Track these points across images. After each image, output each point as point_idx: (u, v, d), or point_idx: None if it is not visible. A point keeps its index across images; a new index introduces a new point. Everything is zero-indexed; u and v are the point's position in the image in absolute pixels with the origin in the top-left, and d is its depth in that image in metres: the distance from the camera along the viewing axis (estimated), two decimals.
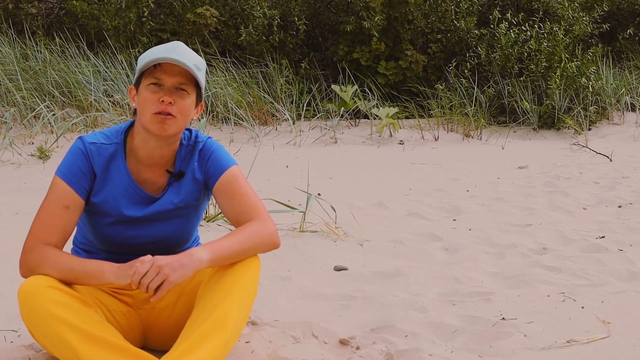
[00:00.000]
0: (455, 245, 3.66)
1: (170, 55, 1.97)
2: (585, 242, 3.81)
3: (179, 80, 2.00)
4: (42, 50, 8.23)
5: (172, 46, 2.02)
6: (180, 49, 2.01)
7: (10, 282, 2.80)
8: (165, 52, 1.99)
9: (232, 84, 8.47)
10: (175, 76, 2.00)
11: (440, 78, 9.47)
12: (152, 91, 2.00)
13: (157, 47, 2.04)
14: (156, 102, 1.99)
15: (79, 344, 1.81)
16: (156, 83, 1.99)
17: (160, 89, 2.00)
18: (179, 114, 2.01)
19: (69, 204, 2.01)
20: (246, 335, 2.27)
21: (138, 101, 2.04)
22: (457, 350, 2.27)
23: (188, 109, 2.03)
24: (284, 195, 4.65)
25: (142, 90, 2.01)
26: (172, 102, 1.99)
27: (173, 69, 1.99)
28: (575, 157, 7.39)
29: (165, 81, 1.99)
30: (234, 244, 1.97)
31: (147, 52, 2.05)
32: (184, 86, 2.01)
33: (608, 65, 9.80)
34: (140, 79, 2.03)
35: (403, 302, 2.72)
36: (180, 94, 2.01)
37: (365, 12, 8.94)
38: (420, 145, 7.99)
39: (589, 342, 2.36)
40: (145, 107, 2.00)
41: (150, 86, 2.00)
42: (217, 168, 2.12)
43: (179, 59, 1.97)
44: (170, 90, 2.00)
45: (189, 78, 2.02)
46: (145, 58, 2.01)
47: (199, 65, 2.03)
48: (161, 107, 1.99)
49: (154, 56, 1.98)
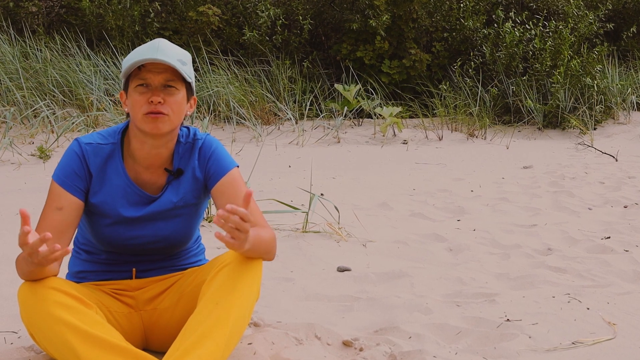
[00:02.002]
0: (460, 246, 3.64)
1: (153, 55, 1.95)
2: (590, 242, 3.79)
3: (165, 78, 1.98)
4: (43, 49, 8.23)
5: (153, 45, 1.99)
6: (163, 46, 1.99)
7: (10, 284, 2.79)
8: (147, 52, 1.97)
9: (234, 82, 8.45)
10: (160, 74, 1.98)
11: (445, 77, 9.44)
12: (140, 92, 1.98)
13: (139, 48, 2.02)
14: (145, 103, 1.98)
15: (80, 345, 1.80)
16: (143, 84, 1.98)
17: (147, 89, 1.98)
18: (171, 112, 2.00)
19: (62, 205, 2.00)
20: (248, 336, 2.25)
21: (129, 104, 2.02)
22: (462, 352, 2.26)
23: (179, 105, 2.02)
24: (287, 195, 4.64)
25: (131, 93, 2.00)
26: (162, 101, 1.98)
27: (158, 67, 1.98)
28: (580, 156, 7.36)
29: (152, 80, 1.98)
30: (262, 243, 1.96)
31: (130, 54, 2.03)
32: (171, 83, 1.99)
33: (613, 64, 9.77)
34: (128, 82, 2.02)
35: (407, 303, 2.70)
36: (169, 91, 1.99)
37: (371, 11, 8.91)
38: (424, 145, 7.96)
39: (595, 343, 2.34)
40: (136, 109, 1.99)
41: (137, 88, 1.99)
42: (218, 169, 2.10)
43: (162, 57, 1.95)
44: (157, 89, 1.98)
45: (175, 74, 2.00)
46: (128, 61, 1.99)
47: (183, 59, 2.01)
48: (151, 108, 1.97)
49: (137, 57, 1.97)
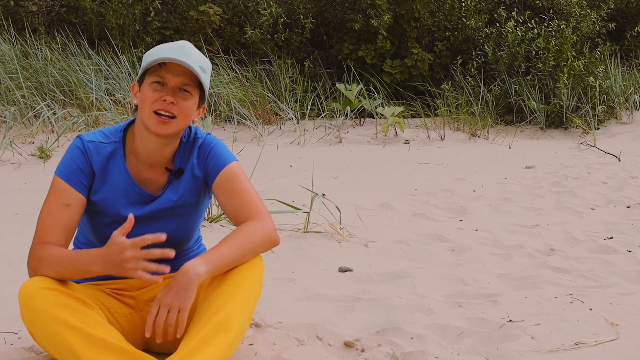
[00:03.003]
0: (462, 246, 3.63)
1: (177, 56, 1.96)
2: (593, 243, 3.78)
3: (183, 81, 1.99)
4: (43, 48, 8.21)
5: (179, 46, 2.00)
6: (187, 49, 1.99)
7: (11, 284, 2.79)
8: (172, 52, 1.97)
9: (236, 82, 8.44)
10: (179, 76, 1.98)
11: (447, 76, 9.42)
12: (154, 89, 1.99)
13: (164, 45, 2.02)
14: (157, 100, 1.98)
15: (80, 346, 1.79)
16: (159, 82, 1.98)
17: (163, 88, 1.99)
18: (180, 115, 2.00)
19: (70, 202, 2.00)
20: (250, 337, 2.25)
21: (140, 98, 2.02)
22: (464, 353, 2.25)
23: (190, 110, 2.02)
24: (288, 195, 4.63)
25: (145, 88, 2.00)
26: (175, 102, 1.98)
27: (178, 69, 1.98)
28: (583, 156, 7.35)
29: (169, 80, 1.98)
30: (231, 250, 1.95)
31: (153, 49, 2.04)
32: (187, 87, 2.00)
33: (616, 64, 9.74)
34: (144, 75, 2.01)
35: (409, 304, 2.70)
36: (182, 95, 2.00)
37: (373, 10, 8.90)
38: (426, 145, 7.95)
39: (597, 344, 2.34)
40: (146, 104, 1.99)
41: (153, 84, 1.99)
42: (216, 164, 2.10)
43: (186, 60, 1.96)
44: (173, 90, 1.98)
45: (193, 79, 2.00)
46: (151, 56, 1.99)
47: (204, 67, 2.01)
48: (162, 106, 1.97)
49: (160, 55, 1.97)
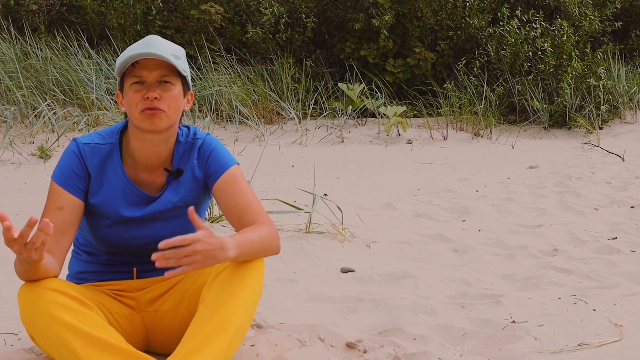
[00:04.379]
0: (465, 247, 3.62)
1: (146, 50, 1.95)
2: (597, 243, 3.77)
3: (160, 73, 1.98)
4: (43, 48, 8.21)
5: (146, 41, 1.99)
6: (155, 42, 1.98)
7: (11, 285, 2.78)
8: (140, 48, 1.96)
9: (237, 81, 8.43)
10: (155, 70, 1.97)
11: (449, 76, 9.41)
12: (135, 90, 1.98)
13: (132, 46, 2.01)
14: (141, 100, 1.97)
15: (80, 347, 1.78)
16: (138, 81, 1.97)
17: (143, 86, 1.98)
18: (168, 107, 1.99)
19: (63, 205, 1.99)
20: (251, 338, 2.24)
21: (125, 103, 2.02)
22: (467, 354, 2.24)
23: (176, 100, 2.01)
24: (290, 195, 4.62)
25: (127, 91, 1.99)
26: (158, 97, 1.97)
27: (151, 63, 1.97)
28: (586, 156, 7.33)
29: (147, 77, 1.97)
30: (254, 244, 1.95)
31: (122, 53, 2.03)
32: (166, 78, 1.99)
33: (620, 63, 9.72)
34: (123, 81, 2.01)
35: (411, 305, 2.68)
36: (164, 87, 1.99)
37: (374, 10, 8.88)
38: (428, 145, 7.94)
39: (601, 345, 2.33)
40: (132, 107, 1.98)
41: (133, 85, 1.98)
42: (217, 167, 2.09)
43: (155, 51, 1.94)
44: (153, 85, 1.97)
45: (169, 69, 1.99)
46: (121, 58, 1.99)
47: (177, 54, 2.00)
48: (147, 104, 1.96)
49: (130, 54, 1.96)
